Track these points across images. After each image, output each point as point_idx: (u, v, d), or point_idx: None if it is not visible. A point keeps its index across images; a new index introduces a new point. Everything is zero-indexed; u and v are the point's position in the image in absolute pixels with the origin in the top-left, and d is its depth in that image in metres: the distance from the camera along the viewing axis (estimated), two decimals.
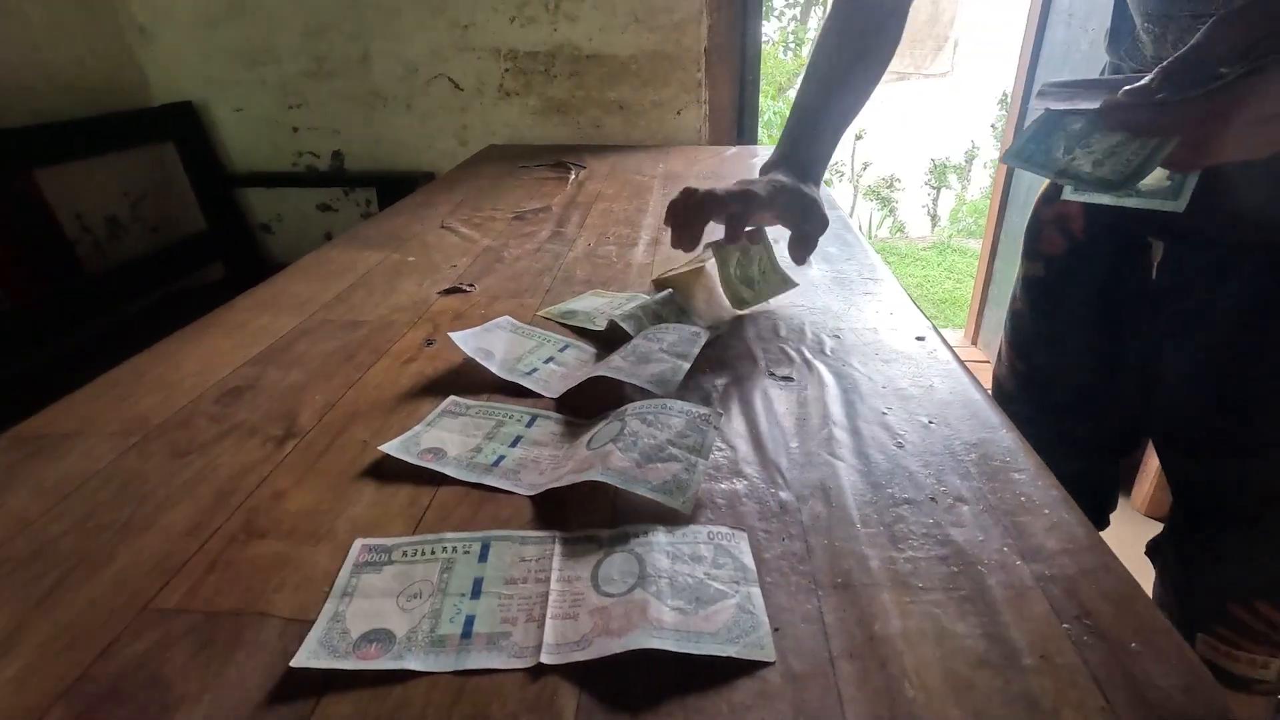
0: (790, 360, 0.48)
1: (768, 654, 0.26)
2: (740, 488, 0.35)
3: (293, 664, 0.25)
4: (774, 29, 7.06)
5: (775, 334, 0.52)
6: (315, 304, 0.59)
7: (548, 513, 0.33)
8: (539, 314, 0.56)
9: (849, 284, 0.62)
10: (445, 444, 0.38)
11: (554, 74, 1.64)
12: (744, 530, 0.32)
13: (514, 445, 0.38)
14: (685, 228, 0.53)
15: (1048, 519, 0.32)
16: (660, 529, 0.32)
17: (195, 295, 1.68)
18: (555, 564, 0.30)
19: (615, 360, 0.44)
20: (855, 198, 6.18)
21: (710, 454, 0.35)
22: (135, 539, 0.32)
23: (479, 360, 0.46)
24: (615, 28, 1.57)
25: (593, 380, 0.45)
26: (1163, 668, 0.25)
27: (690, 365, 0.43)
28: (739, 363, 0.48)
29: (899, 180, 6.22)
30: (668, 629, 0.26)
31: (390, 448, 0.37)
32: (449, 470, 0.36)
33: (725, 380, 0.46)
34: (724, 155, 1.23)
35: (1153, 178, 0.38)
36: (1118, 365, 0.60)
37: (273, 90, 1.73)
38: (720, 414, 0.39)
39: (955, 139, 6.13)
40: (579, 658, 0.25)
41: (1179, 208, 0.39)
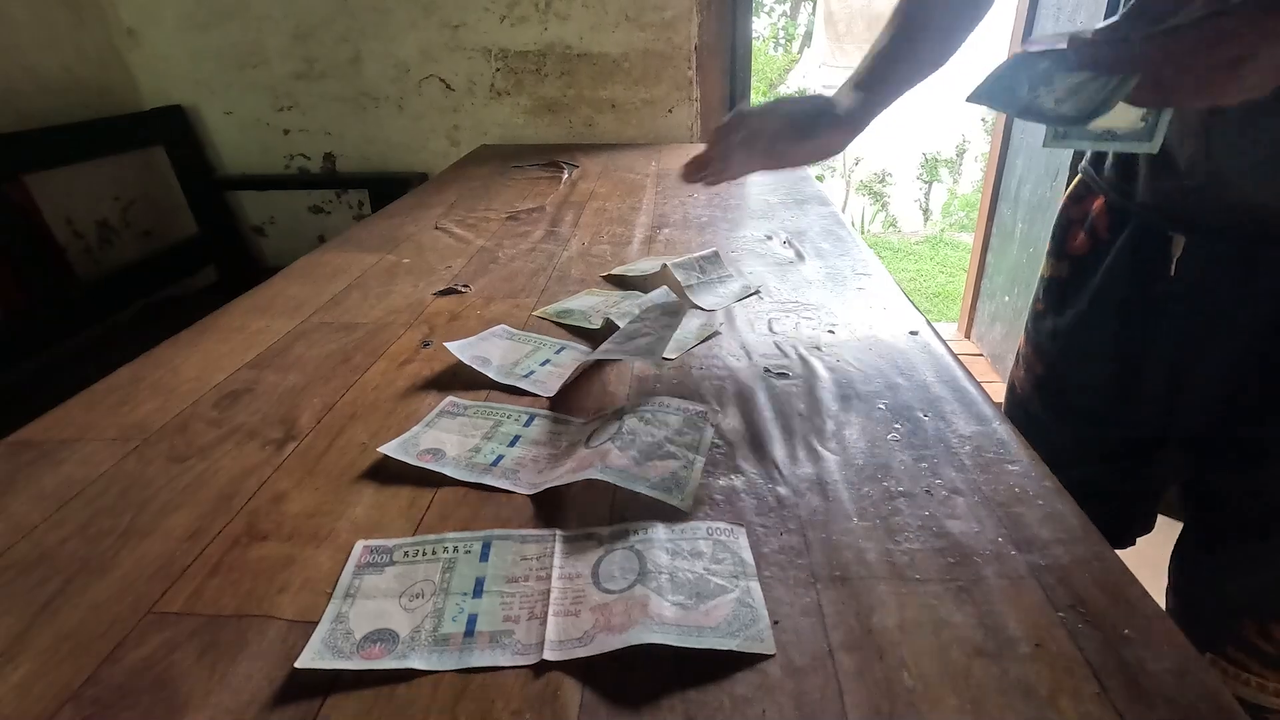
0: (785, 356, 0.49)
1: (767, 647, 0.26)
2: (738, 483, 0.35)
3: (297, 665, 0.25)
4: (764, 25, 7.06)
5: (770, 330, 0.53)
6: (311, 307, 0.59)
7: (548, 511, 0.34)
8: (535, 314, 0.56)
9: (842, 280, 0.62)
10: (444, 444, 0.38)
11: (545, 73, 1.64)
12: (742, 525, 0.32)
13: (512, 445, 0.39)
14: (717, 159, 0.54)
15: (1041, 510, 0.33)
16: (660, 525, 0.32)
17: (188, 300, 1.67)
18: (556, 562, 0.30)
19: (605, 345, 0.44)
20: (848, 193, 6.19)
21: (708, 450, 0.36)
22: (137, 544, 0.32)
23: (475, 367, 0.46)
24: (606, 26, 1.57)
25: (589, 379, 0.45)
26: (1155, 653, 0.25)
27: (674, 334, 0.43)
28: (734, 360, 0.48)
29: (891, 175, 6.24)
30: (669, 624, 0.26)
31: (389, 449, 0.37)
32: (448, 470, 0.36)
33: (721, 377, 0.46)
34: None
35: (1127, 120, 0.39)
36: (1139, 368, 0.57)
37: (263, 92, 1.72)
38: (717, 411, 0.39)
39: (946, 133, 6.14)
40: (581, 654, 0.26)
41: (1153, 149, 0.39)
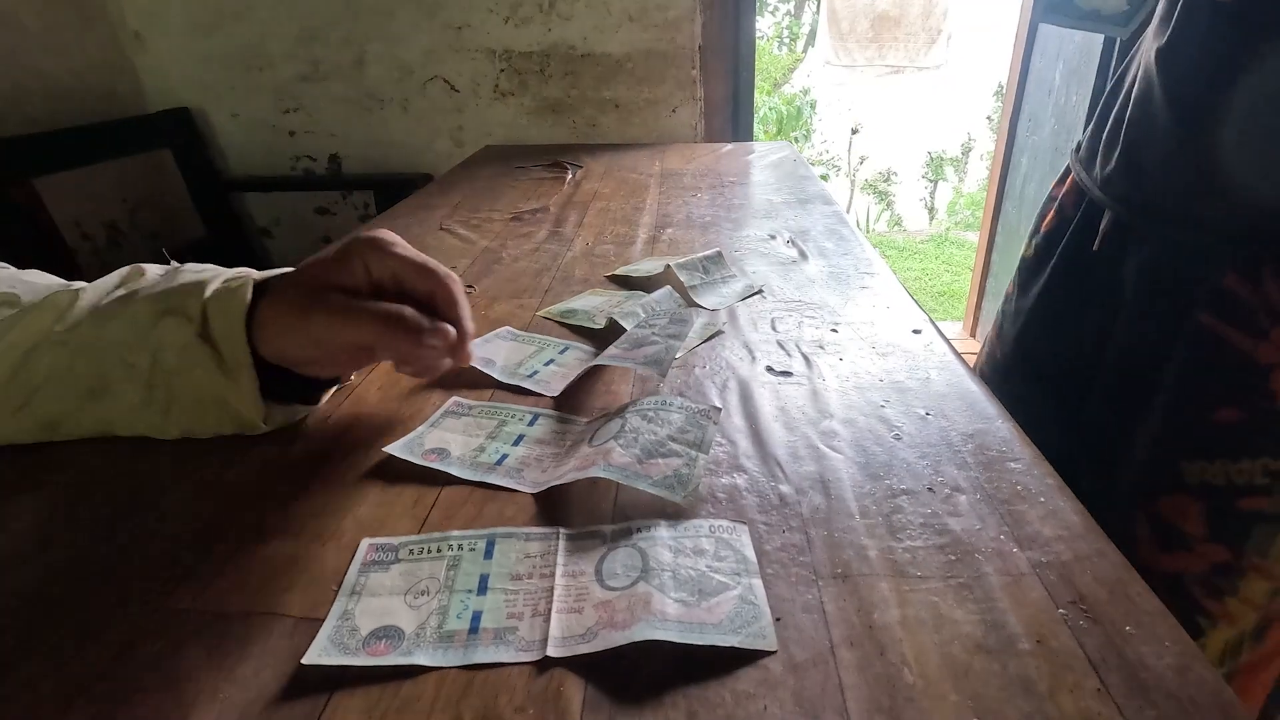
0: (788, 355, 0.49)
1: (769, 643, 0.26)
2: (741, 482, 0.36)
3: (304, 661, 0.26)
4: (768, 24, 7.05)
5: (773, 330, 0.53)
6: None
7: (551, 510, 0.34)
8: (539, 314, 0.57)
9: (846, 279, 0.62)
10: (449, 444, 0.39)
11: (549, 74, 1.64)
12: (745, 523, 0.32)
13: (516, 444, 0.39)
14: None
15: (1044, 506, 0.33)
16: (662, 523, 0.32)
17: None
18: (559, 559, 0.31)
19: (610, 350, 0.45)
20: (852, 192, 6.17)
21: (710, 448, 0.36)
22: (147, 542, 0.32)
23: (480, 368, 0.46)
24: (609, 27, 1.58)
25: (592, 378, 0.45)
26: (1157, 650, 0.25)
27: (682, 345, 0.44)
28: (737, 360, 0.48)
29: (895, 174, 6.22)
30: (671, 621, 0.27)
31: (394, 448, 0.38)
32: (453, 470, 0.36)
33: (724, 377, 0.46)
34: (720, 152, 1.23)
35: (1113, 4, 0.40)
36: (1083, 348, 0.59)
37: (268, 94, 1.73)
38: (719, 409, 0.39)
39: (951, 132, 6.12)
40: (585, 650, 0.26)
41: (1124, 35, 0.41)
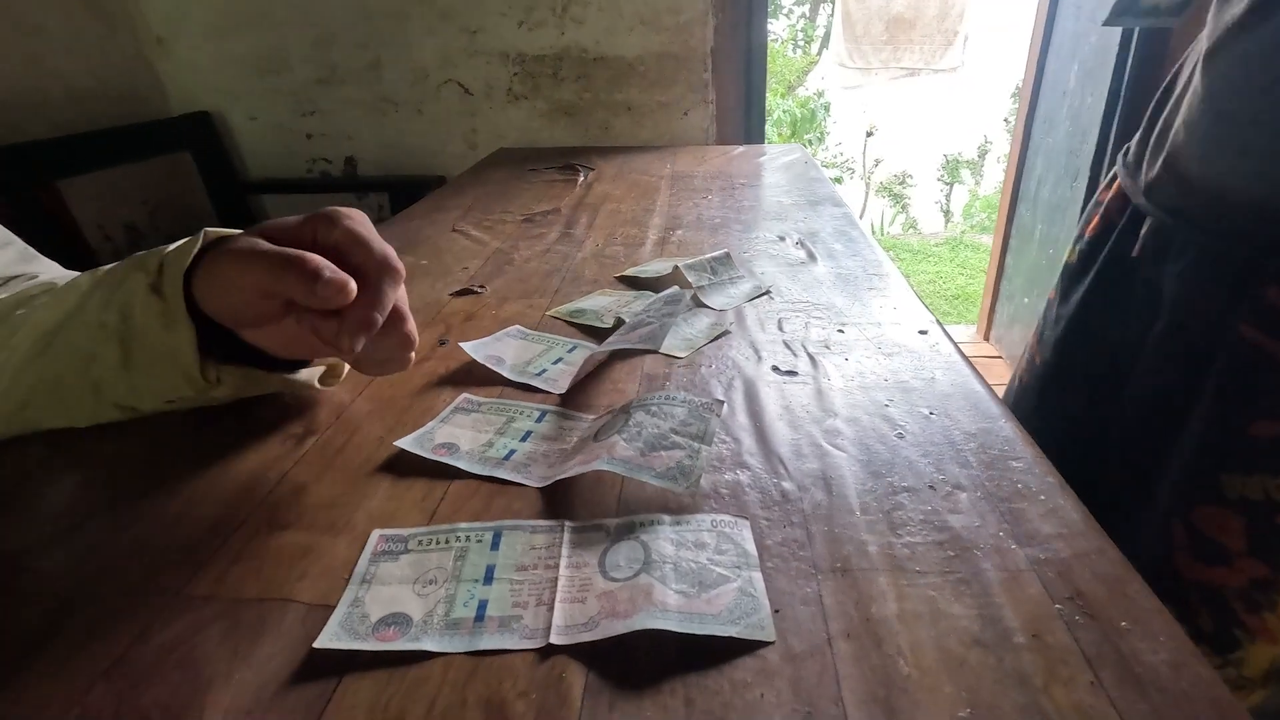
0: (794, 355, 0.49)
1: (768, 634, 0.27)
2: (744, 478, 0.36)
3: (315, 645, 0.26)
4: (782, 27, 7.04)
5: (780, 330, 0.53)
6: None
7: (556, 504, 0.35)
8: (548, 313, 0.57)
9: (854, 281, 0.63)
10: (458, 439, 0.39)
11: (562, 77, 1.66)
12: (746, 519, 0.33)
13: (524, 440, 0.40)
14: None
15: (1044, 505, 0.33)
16: (665, 518, 0.33)
17: None
18: (564, 551, 0.31)
19: (610, 339, 0.46)
20: (867, 195, 6.15)
21: (713, 440, 0.36)
22: (165, 531, 0.34)
23: (490, 366, 0.47)
24: (621, 30, 1.59)
25: (599, 377, 0.46)
26: (1151, 645, 0.25)
27: (675, 322, 0.46)
28: (744, 359, 0.49)
29: (911, 177, 6.18)
30: (672, 611, 0.27)
31: (405, 443, 0.39)
32: (462, 464, 0.37)
33: (730, 376, 0.47)
34: (731, 154, 1.24)
35: None
36: (1121, 356, 0.57)
37: (286, 98, 1.76)
38: (721, 402, 0.40)
39: (968, 134, 6.08)
40: (587, 638, 0.27)
41: (1173, 24, 0.44)
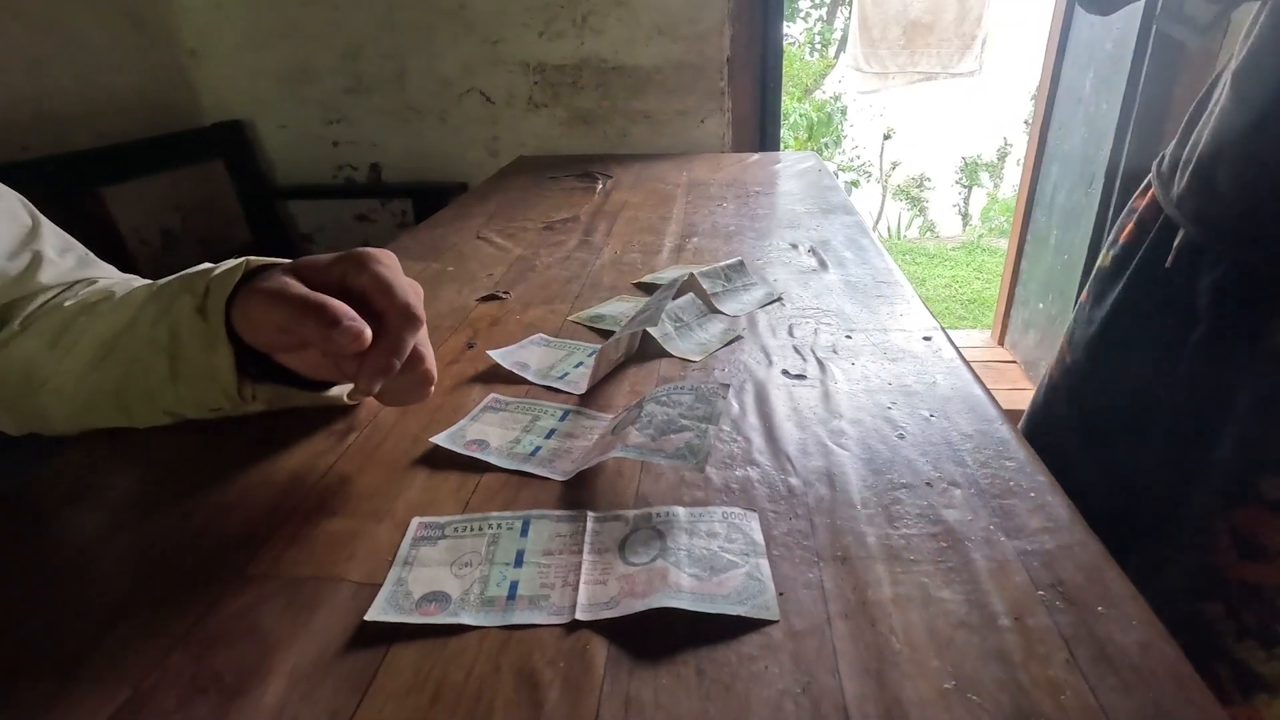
0: (803, 360, 0.52)
1: (772, 614, 0.29)
2: (753, 475, 0.39)
3: (366, 618, 0.30)
4: (800, 30, 7.04)
5: (790, 335, 0.56)
6: None
7: (580, 495, 0.38)
8: (569, 319, 0.61)
9: (862, 288, 0.65)
10: (488, 436, 0.43)
11: (581, 85, 1.69)
12: (755, 511, 0.36)
13: (549, 437, 0.43)
14: None
15: (1033, 501, 0.35)
16: (680, 509, 0.36)
17: None
18: (587, 539, 0.34)
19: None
20: (884, 198, 6.13)
21: (720, 420, 0.39)
22: (225, 518, 0.37)
23: (516, 371, 0.50)
24: (640, 40, 1.62)
25: (617, 375, 0.49)
26: (1124, 628, 0.28)
27: (669, 304, 0.49)
28: (755, 363, 0.52)
29: (929, 180, 6.15)
30: (685, 592, 0.30)
31: (439, 439, 0.42)
32: (492, 459, 0.40)
33: (742, 379, 0.49)
34: (746, 162, 1.27)
35: (1207, 12, 0.43)
36: (1156, 360, 0.58)
37: (314, 107, 1.81)
38: (727, 385, 0.42)
39: (987, 137, 6.04)
40: (608, 615, 0.29)
41: (1198, 39, 0.45)
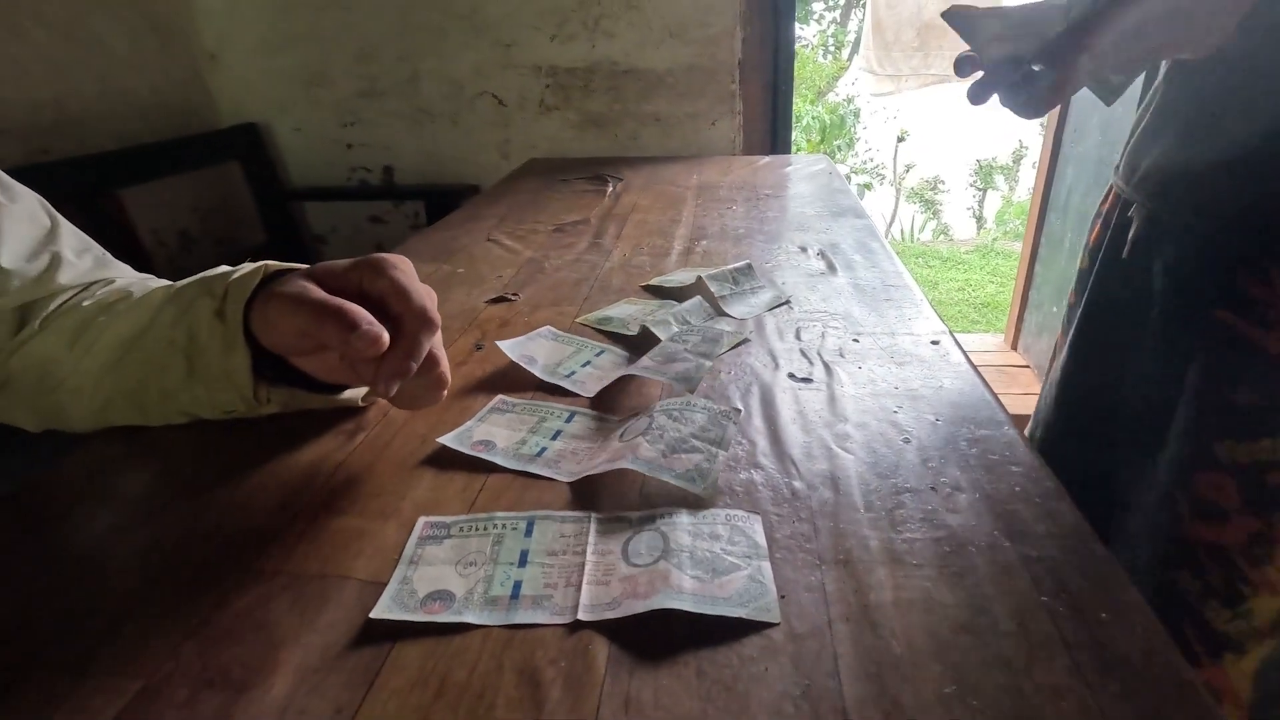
0: (810, 363, 0.52)
1: (773, 616, 0.29)
2: (757, 477, 0.39)
3: (371, 615, 0.30)
4: (813, 33, 7.02)
5: (797, 339, 0.56)
6: None
7: (584, 497, 0.38)
8: (577, 320, 0.61)
9: (871, 292, 0.65)
10: (494, 437, 0.43)
11: (592, 89, 1.70)
12: (758, 514, 0.36)
13: (555, 438, 0.43)
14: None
15: (1039, 507, 0.35)
16: (683, 511, 0.36)
17: None
18: (590, 540, 0.34)
19: (644, 361, 0.48)
20: (897, 201, 6.10)
21: (730, 446, 0.39)
22: (235, 515, 0.38)
23: (523, 365, 0.51)
24: (651, 43, 1.62)
25: (624, 379, 0.49)
26: (1127, 635, 0.28)
27: (712, 363, 0.48)
28: (761, 366, 0.52)
29: (943, 182, 6.11)
30: (687, 593, 0.30)
31: (446, 440, 0.42)
32: (498, 459, 0.41)
33: (748, 381, 0.49)
34: (756, 165, 1.26)
35: (1115, 79, 0.52)
36: (1123, 345, 0.62)
37: (329, 110, 1.83)
38: (739, 410, 0.43)
39: (1001, 139, 6.00)
40: (610, 616, 0.30)
41: (1109, 100, 0.53)
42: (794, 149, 1.71)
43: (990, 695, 0.26)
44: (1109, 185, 0.68)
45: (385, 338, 0.35)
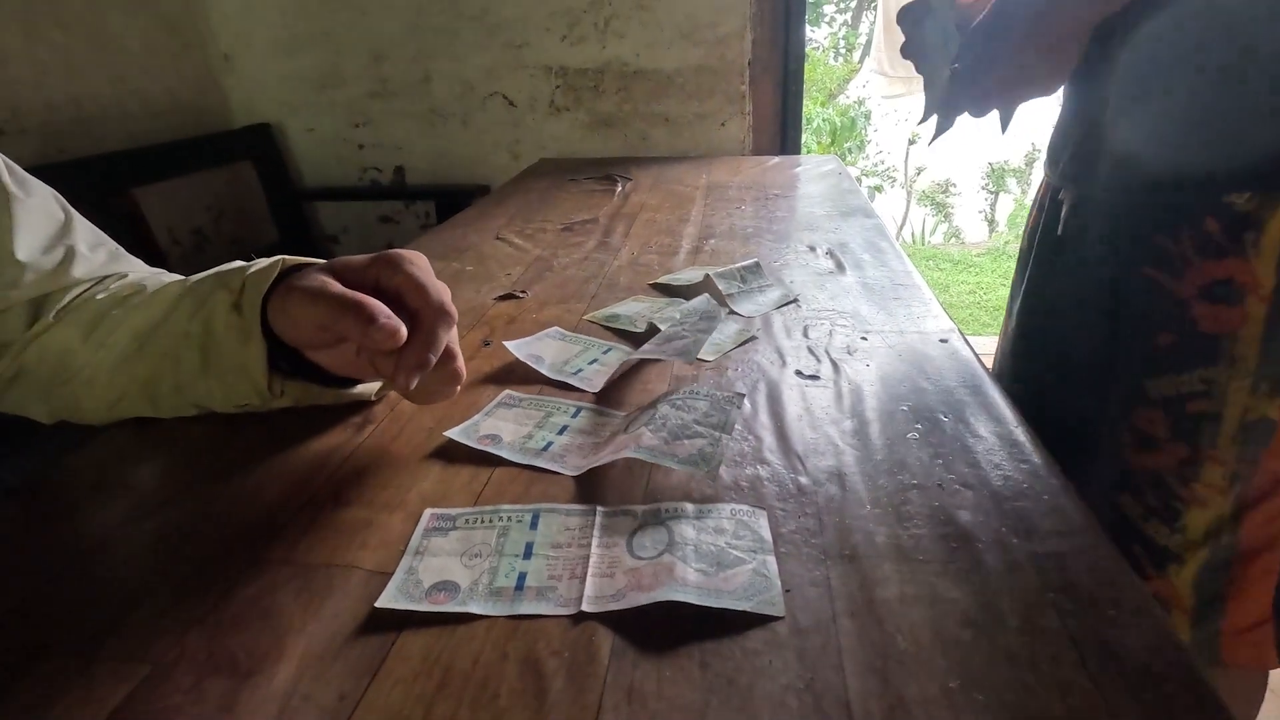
0: (817, 361, 0.52)
1: (778, 610, 0.29)
2: (763, 473, 0.39)
3: (376, 605, 0.30)
4: (824, 35, 7.01)
5: (805, 337, 0.56)
6: None
7: (590, 490, 0.38)
8: (585, 318, 0.61)
9: (879, 290, 0.65)
10: (501, 431, 0.43)
11: (603, 89, 1.70)
12: (764, 509, 0.36)
13: (561, 433, 0.43)
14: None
15: (1047, 504, 0.35)
16: (688, 506, 0.36)
17: None
18: (595, 533, 0.34)
19: (645, 345, 0.49)
20: (908, 204, 6.07)
21: (733, 429, 0.39)
22: (243, 506, 0.38)
23: (530, 364, 0.51)
24: (661, 44, 1.63)
25: (631, 377, 0.49)
26: (1134, 631, 0.27)
27: (709, 337, 0.48)
28: (768, 363, 0.52)
29: (954, 185, 6.08)
30: (691, 586, 0.30)
31: (453, 433, 0.43)
32: (504, 453, 0.41)
33: (755, 378, 0.49)
34: (766, 165, 1.26)
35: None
36: (1052, 320, 0.73)
37: (341, 110, 1.85)
38: (742, 395, 0.42)
39: (1014, 142, 5.96)
40: (614, 608, 0.30)
41: (1001, 131, 0.69)
42: (804, 151, 1.71)
43: (995, 690, 0.26)
44: (1042, 178, 0.79)
45: (403, 331, 0.35)
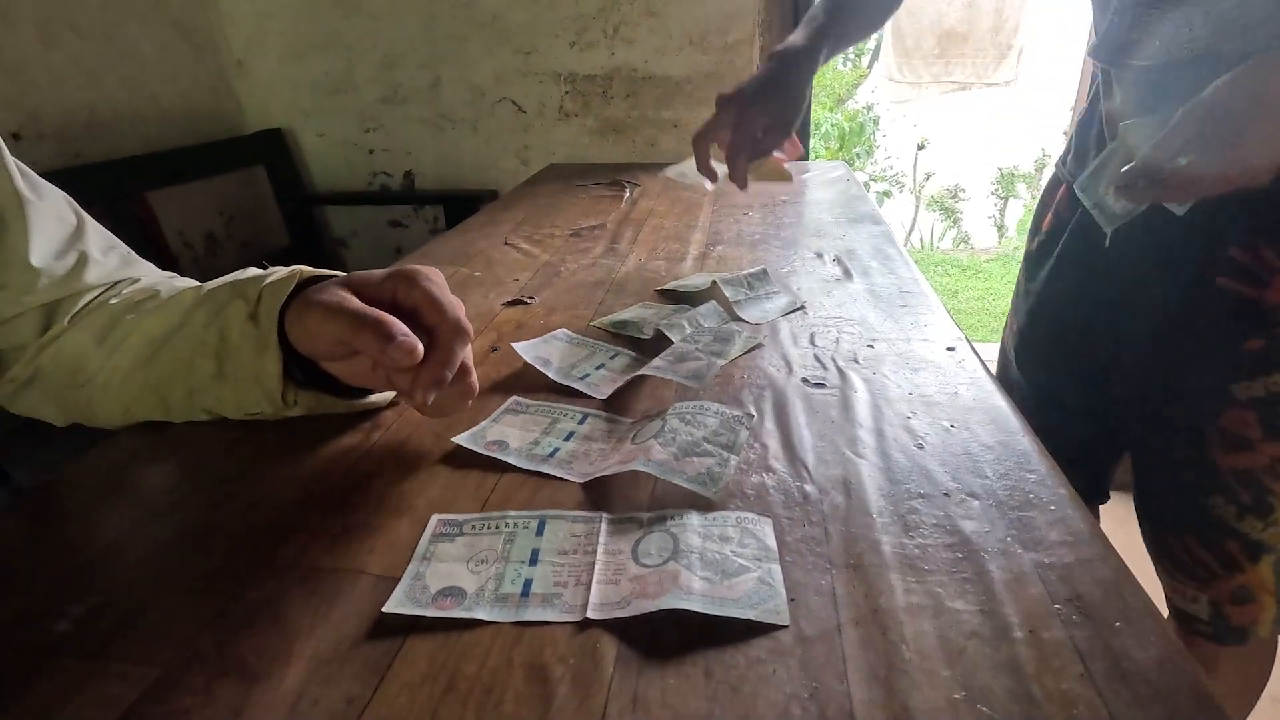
0: (824, 368, 0.52)
1: (783, 619, 0.29)
2: (769, 481, 0.39)
3: (384, 609, 0.30)
4: None
5: (811, 344, 0.56)
6: None
7: (596, 497, 0.38)
8: (592, 324, 0.61)
9: (887, 298, 0.65)
10: (508, 437, 0.43)
11: (611, 95, 1.71)
12: (769, 517, 0.36)
13: (568, 439, 0.43)
14: (700, 159, 0.75)
15: (1053, 514, 0.35)
16: (694, 513, 0.36)
17: None
18: (601, 539, 0.35)
19: (656, 361, 0.49)
20: (917, 209, 6.05)
21: (741, 451, 0.39)
22: (252, 510, 0.38)
23: (538, 367, 0.51)
24: (670, 50, 1.63)
25: (638, 384, 0.50)
26: (1141, 644, 0.27)
27: (723, 362, 0.48)
28: (775, 370, 0.52)
29: (963, 190, 6.06)
30: (696, 594, 0.30)
31: (461, 439, 0.43)
32: (511, 459, 0.41)
33: (761, 386, 0.49)
34: None
35: (1120, 207, 0.62)
36: (1088, 327, 0.74)
37: (352, 116, 1.86)
38: (752, 415, 0.43)
39: (1023, 148, 5.94)
40: (619, 615, 0.30)
41: (1108, 226, 0.63)
42: (812, 156, 1.71)
43: (1000, 702, 0.26)
44: (1053, 176, 0.79)
45: (420, 349, 0.36)
